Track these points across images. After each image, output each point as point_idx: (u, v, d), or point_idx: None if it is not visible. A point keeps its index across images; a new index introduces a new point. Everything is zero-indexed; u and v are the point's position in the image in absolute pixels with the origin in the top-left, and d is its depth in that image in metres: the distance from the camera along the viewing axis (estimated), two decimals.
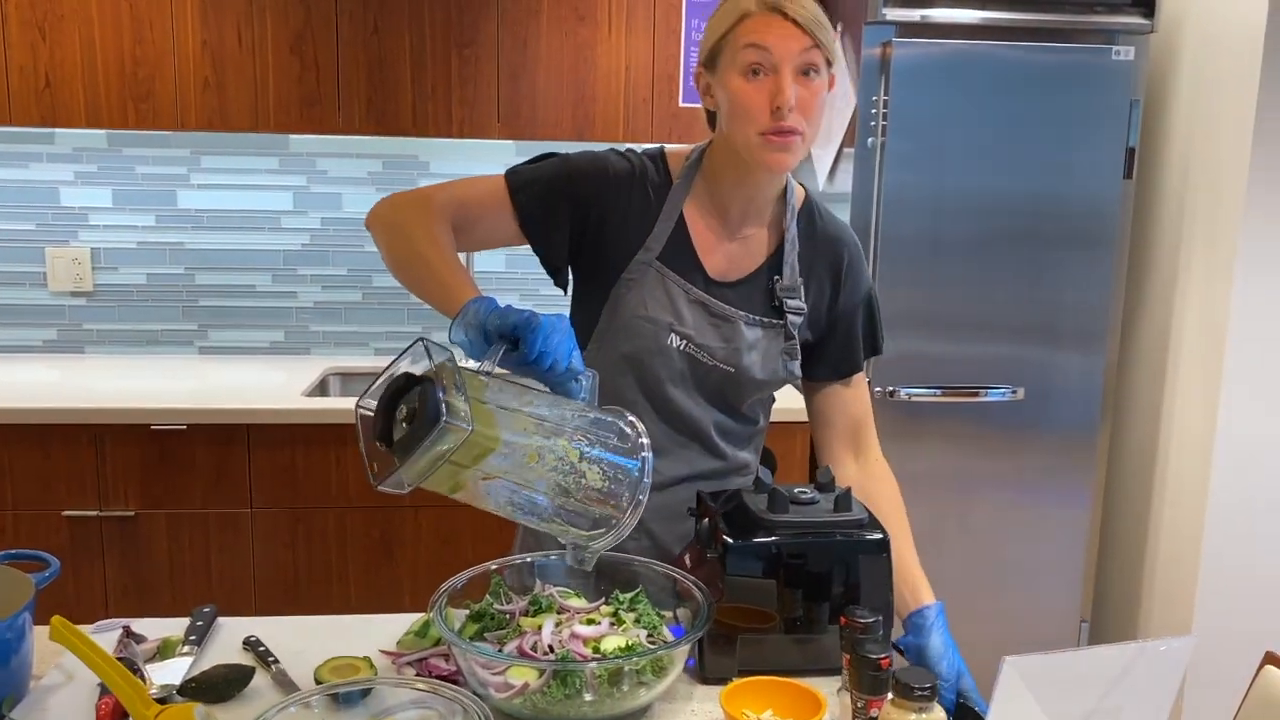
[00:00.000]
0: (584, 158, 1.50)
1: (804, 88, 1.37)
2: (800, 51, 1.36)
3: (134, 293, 3.10)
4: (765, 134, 1.38)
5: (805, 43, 1.36)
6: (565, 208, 1.47)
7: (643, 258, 1.48)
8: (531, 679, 1.16)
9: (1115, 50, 2.56)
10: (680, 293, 1.49)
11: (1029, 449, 2.72)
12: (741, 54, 1.37)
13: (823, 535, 1.34)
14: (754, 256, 1.53)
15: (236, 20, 2.69)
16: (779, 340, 1.53)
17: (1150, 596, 2.81)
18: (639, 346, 1.48)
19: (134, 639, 1.34)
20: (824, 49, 1.38)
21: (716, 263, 1.51)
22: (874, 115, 2.55)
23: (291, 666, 1.31)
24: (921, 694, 1.05)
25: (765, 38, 1.36)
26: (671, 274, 1.49)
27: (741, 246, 1.53)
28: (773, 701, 1.21)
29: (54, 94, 2.68)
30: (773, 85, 1.36)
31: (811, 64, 1.37)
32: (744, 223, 1.52)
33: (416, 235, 1.39)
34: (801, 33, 1.36)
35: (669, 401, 1.50)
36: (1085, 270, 2.67)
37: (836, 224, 1.58)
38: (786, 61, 1.36)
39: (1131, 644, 1.14)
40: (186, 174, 3.06)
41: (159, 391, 2.73)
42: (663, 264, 1.49)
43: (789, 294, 1.52)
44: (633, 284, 1.48)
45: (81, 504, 2.59)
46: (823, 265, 1.55)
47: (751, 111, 1.38)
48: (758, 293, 1.52)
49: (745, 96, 1.38)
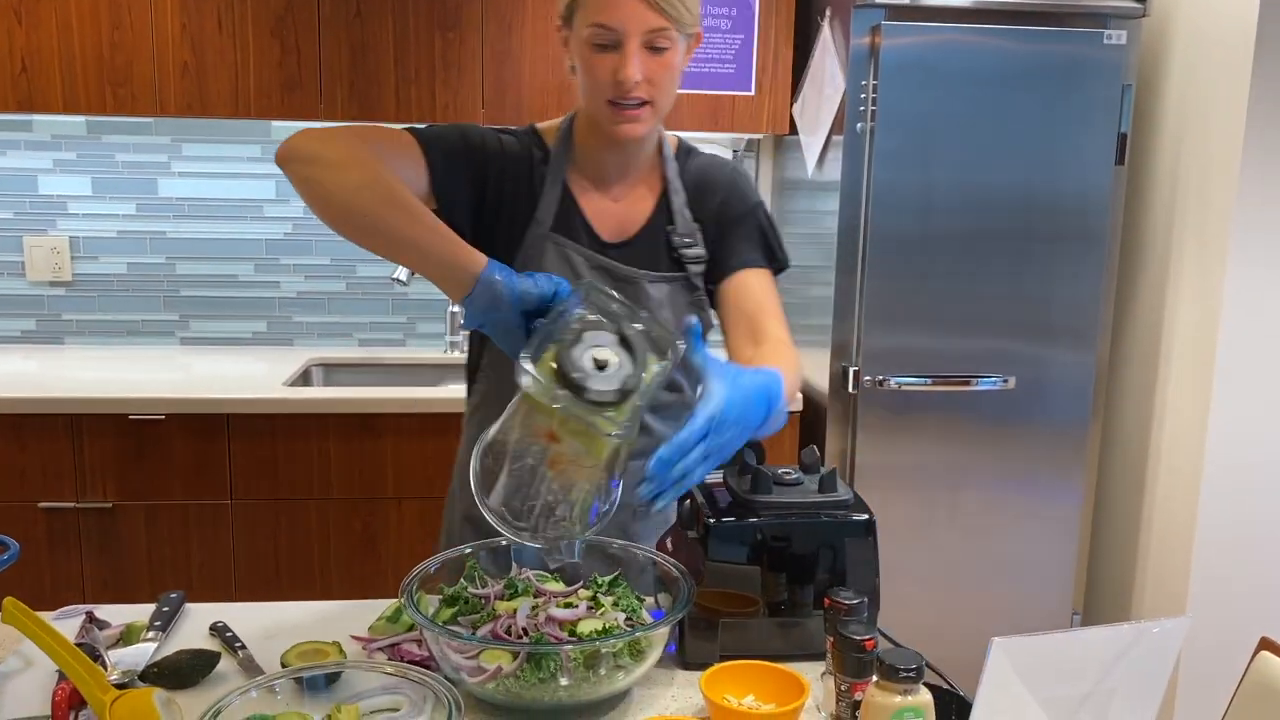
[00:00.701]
0: (476, 128, 1.46)
1: (652, 60, 1.35)
2: (649, 29, 1.33)
3: (114, 282, 3.05)
4: (612, 104, 1.36)
5: (654, 20, 1.33)
6: (468, 173, 1.42)
7: (536, 231, 1.45)
8: (505, 662, 1.12)
9: (1107, 35, 2.53)
10: (581, 260, 1.46)
11: (1021, 441, 2.69)
12: (589, 29, 1.35)
13: (807, 516, 1.30)
14: (642, 212, 1.51)
15: (216, 4, 2.64)
16: (685, 293, 1.50)
17: (1142, 588, 2.78)
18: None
19: (97, 624, 1.30)
20: (676, 23, 1.35)
21: (607, 225, 1.49)
22: (863, 101, 2.51)
23: (260, 652, 1.27)
24: (906, 676, 1.01)
25: (610, 17, 1.33)
26: (569, 243, 1.46)
27: (627, 205, 1.51)
28: (754, 686, 1.17)
29: (30, 79, 2.63)
30: (618, 59, 1.34)
31: (660, 37, 1.34)
32: (623, 181, 1.50)
33: (383, 174, 1.24)
34: (649, 9, 1.32)
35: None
36: (1077, 260, 2.63)
37: (713, 157, 1.58)
38: (633, 37, 1.33)
39: (1125, 625, 1.11)
40: (167, 162, 3.01)
41: (137, 381, 2.68)
42: (557, 234, 1.46)
43: (686, 242, 1.49)
44: (531, 259, 1.45)
45: (58, 495, 2.54)
46: (709, 196, 1.52)
47: (599, 83, 1.36)
48: (656, 248, 1.50)
49: (592, 69, 1.36)
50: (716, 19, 2.78)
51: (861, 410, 2.62)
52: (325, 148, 1.26)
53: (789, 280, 3.06)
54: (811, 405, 2.74)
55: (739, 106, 2.85)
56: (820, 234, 2.73)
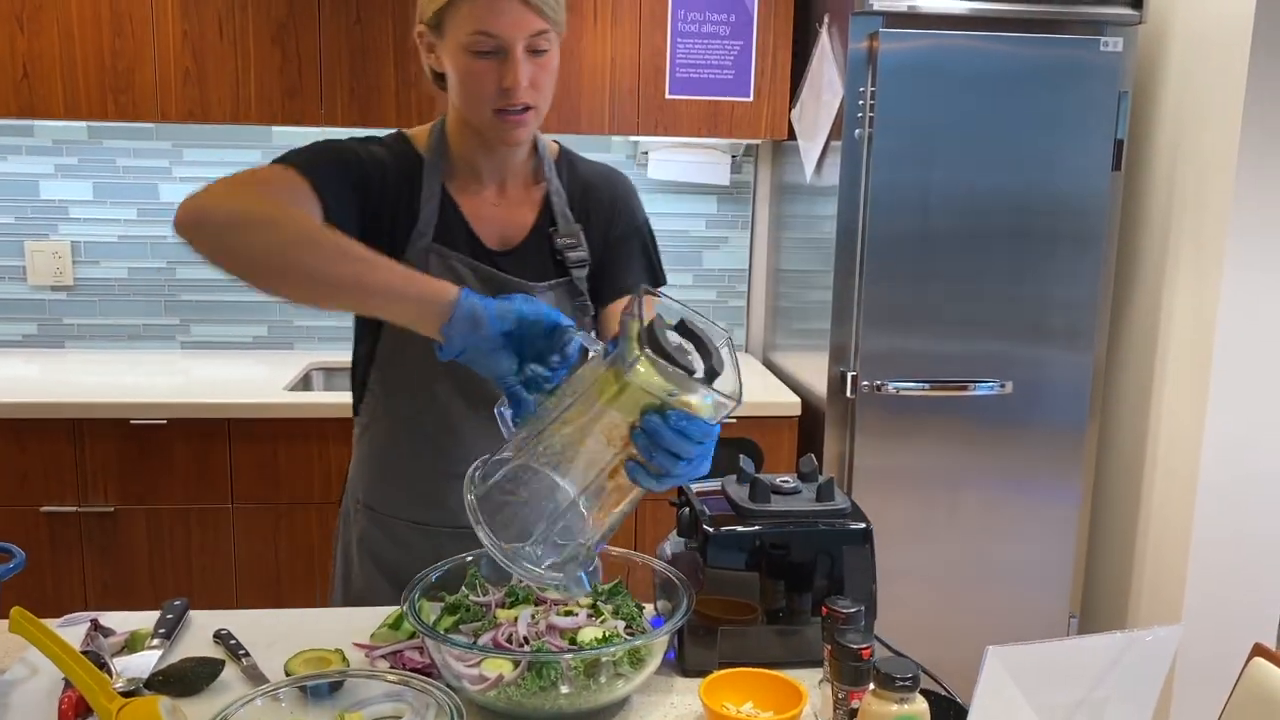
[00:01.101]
0: (346, 144, 1.41)
1: (535, 64, 1.33)
2: (531, 34, 1.31)
3: (115, 287, 3.07)
4: (498, 112, 1.35)
5: (536, 24, 1.31)
6: (352, 195, 1.36)
7: (419, 244, 1.41)
8: (506, 671, 1.13)
9: (1104, 41, 2.54)
10: (467, 271, 1.43)
11: (1018, 444, 2.70)
12: (468, 36, 1.31)
13: (805, 525, 1.31)
14: (525, 217, 1.48)
15: (217, 11, 2.66)
16: (569, 298, 1.48)
17: (1139, 591, 2.80)
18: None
19: (102, 632, 1.31)
20: (554, 25, 1.34)
21: (491, 232, 1.46)
22: (861, 107, 2.53)
23: (263, 660, 1.28)
24: (903, 684, 1.03)
25: (494, 24, 1.30)
26: (452, 254, 1.43)
27: (509, 211, 1.48)
28: (753, 693, 1.19)
29: (32, 85, 2.64)
30: (502, 66, 1.32)
31: (541, 40, 1.33)
32: (502, 184, 1.48)
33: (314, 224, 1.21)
34: (531, 13, 1.31)
35: (483, 389, 1.38)
36: (1074, 264, 2.65)
37: (599, 166, 1.56)
38: (517, 43, 1.31)
39: (1118, 634, 1.12)
40: (168, 167, 3.02)
41: (139, 386, 2.69)
42: (440, 244, 1.42)
43: (569, 245, 1.47)
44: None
45: (60, 500, 2.55)
46: (594, 207, 1.51)
47: (482, 92, 1.34)
48: (540, 254, 1.47)
49: (474, 77, 1.33)
50: (715, 25, 2.80)
51: (860, 414, 2.63)
52: (238, 205, 1.19)
53: (786, 284, 3.10)
54: (810, 409, 2.76)
55: (737, 112, 2.86)
56: (818, 239, 2.75)
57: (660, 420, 1.05)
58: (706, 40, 2.80)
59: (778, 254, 3.17)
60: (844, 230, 2.59)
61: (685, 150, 3.08)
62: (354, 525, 1.58)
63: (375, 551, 1.55)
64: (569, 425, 1.10)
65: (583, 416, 1.09)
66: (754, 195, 3.24)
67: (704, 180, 3.11)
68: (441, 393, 1.44)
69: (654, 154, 3.08)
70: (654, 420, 1.05)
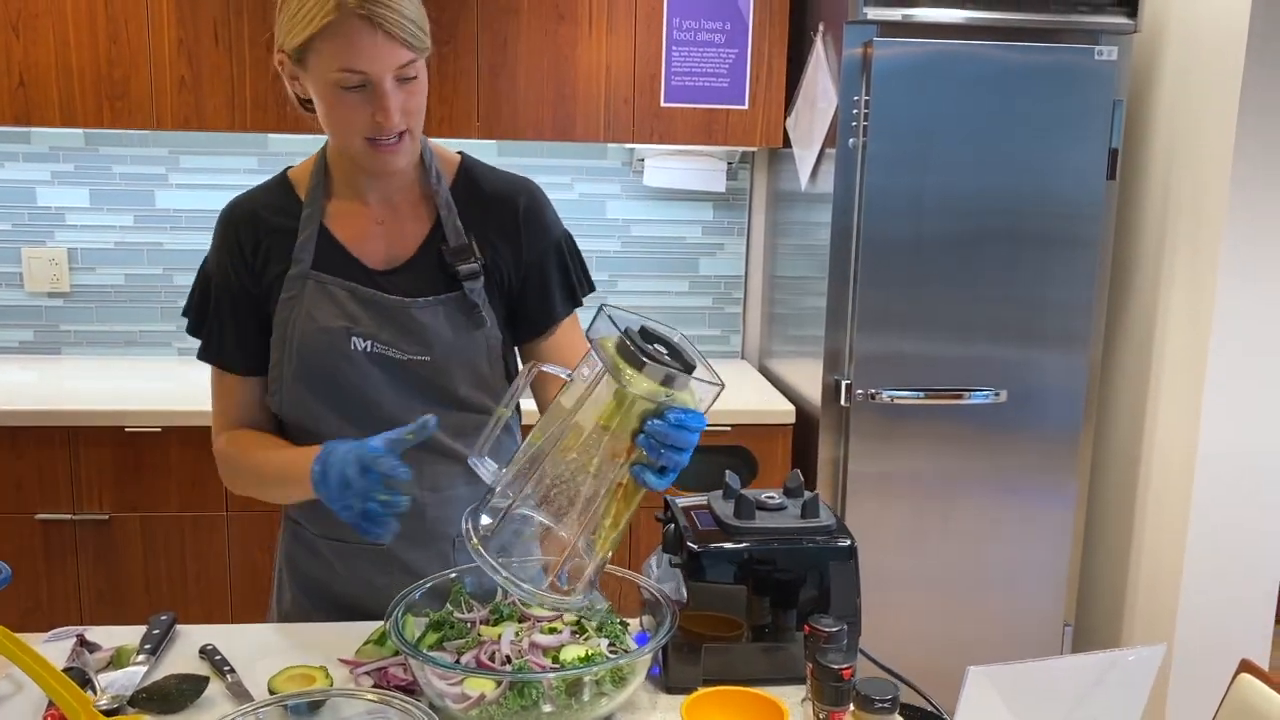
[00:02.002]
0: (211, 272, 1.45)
1: (404, 92, 1.31)
2: (399, 65, 1.28)
3: (112, 293, 3.07)
4: (370, 140, 1.32)
5: (402, 56, 1.28)
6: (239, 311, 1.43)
7: (295, 272, 1.39)
8: (488, 690, 1.13)
9: (1098, 50, 2.54)
10: (345, 295, 1.40)
11: (1012, 451, 2.70)
12: (334, 73, 1.27)
13: (790, 542, 1.31)
14: (414, 234, 1.44)
15: (213, 18, 2.66)
16: (462, 313, 1.42)
17: (1134, 599, 2.79)
18: (322, 363, 1.40)
19: (88, 648, 1.32)
20: (420, 51, 1.30)
21: (374, 252, 1.43)
22: (855, 116, 2.53)
23: (248, 675, 1.28)
24: (882, 706, 1.03)
25: (359, 61, 1.26)
26: (330, 279, 1.40)
27: (395, 228, 1.44)
28: (735, 713, 1.19)
29: (28, 93, 2.65)
30: (371, 100, 1.29)
31: (409, 69, 1.30)
32: (386, 203, 1.44)
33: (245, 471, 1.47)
34: (395, 45, 1.27)
35: (377, 415, 1.39)
36: (1068, 271, 2.65)
37: (505, 178, 1.49)
38: (384, 77, 1.28)
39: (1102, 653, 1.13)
40: (165, 174, 3.03)
41: (134, 393, 2.70)
42: (319, 272, 1.40)
43: (459, 258, 1.41)
44: (292, 302, 1.40)
45: (55, 507, 2.56)
46: (494, 224, 1.45)
47: (352, 125, 1.31)
48: (429, 270, 1.42)
49: (343, 110, 1.30)
50: (711, 33, 2.80)
51: (854, 421, 2.63)
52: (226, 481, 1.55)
53: (782, 290, 3.10)
54: (804, 415, 2.76)
55: (733, 120, 2.86)
56: (813, 245, 2.75)
57: (662, 422, 1.10)
58: (702, 48, 2.80)
59: (773, 261, 3.17)
60: (838, 237, 2.60)
61: (681, 157, 3.08)
62: (283, 541, 1.58)
63: (299, 568, 1.54)
64: (571, 453, 1.12)
65: (580, 441, 1.12)
66: (749, 202, 3.24)
67: (700, 187, 3.11)
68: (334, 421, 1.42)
69: (650, 161, 3.09)
70: (656, 424, 1.10)
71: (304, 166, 1.47)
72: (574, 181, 3.14)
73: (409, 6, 1.29)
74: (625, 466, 1.13)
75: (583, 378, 1.13)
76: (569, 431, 1.12)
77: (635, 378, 1.08)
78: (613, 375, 1.08)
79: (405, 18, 1.27)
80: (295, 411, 1.44)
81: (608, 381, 1.09)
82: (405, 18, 1.27)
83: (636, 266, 3.22)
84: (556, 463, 1.12)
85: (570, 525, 1.14)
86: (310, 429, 1.43)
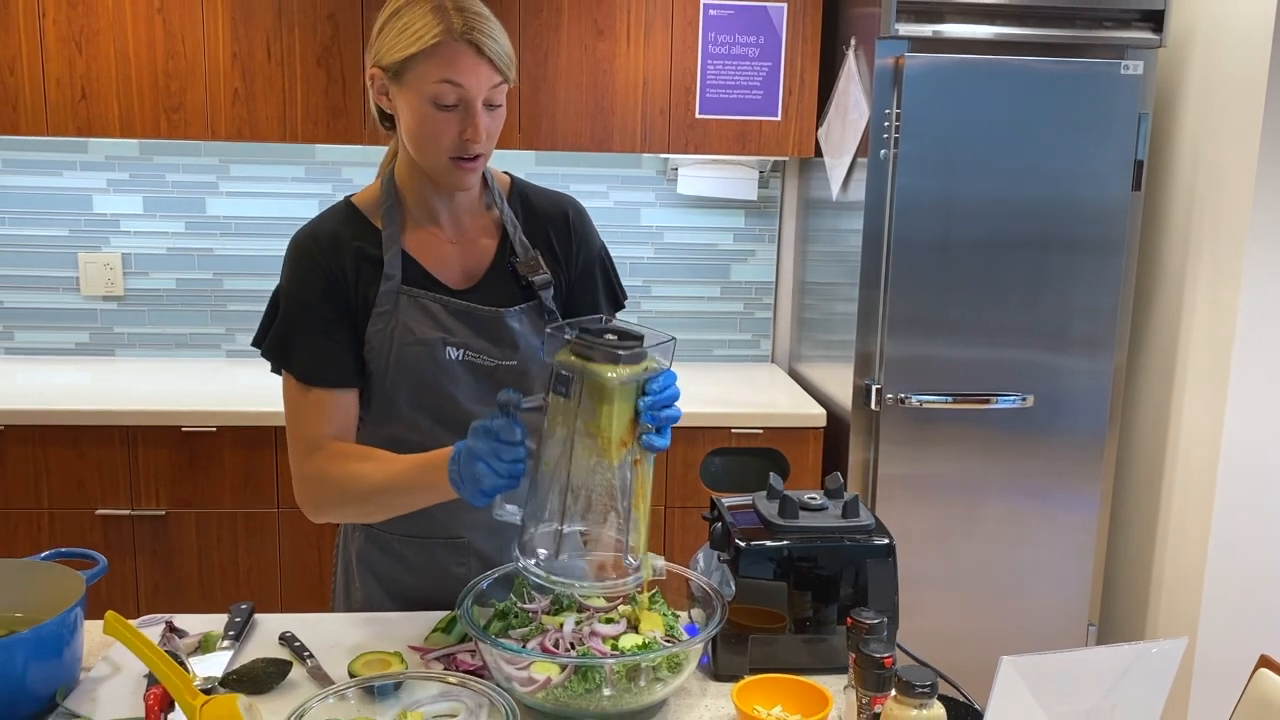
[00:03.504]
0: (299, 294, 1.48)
1: (490, 117, 1.41)
2: (491, 87, 1.39)
3: (164, 297, 3.18)
4: (453, 158, 1.42)
5: (496, 79, 1.39)
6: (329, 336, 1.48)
7: (387, 288, 1.48)
8: (554, 674, 1.22)
9: (1124, 65, 2.61)
10: (439, 308, 1.49)
11: (1038, 454, 2.77)
12: (433, 86, 1.37)
13: (831, 540, 1.40)
14: (484, 251, 1.54)
15: (266, 34, 2.77)
16: (539, 318, 1.54)
17: (1157, 601, 2.86)
18: (418, 371, 1.48)
19: (176, 633, 1.42)
20: (508, 79, 1.41)
21: (452, 272, 1.52)
22: (886, 127, 2.60)
23: (324, 661, 1.38)
24: (923, 691, 1.11)
25: (460, 75, 1.37)
26: (423, 292, 1.49)
27: (467, 247, 1.54)
28: (782, 698, 1.27)
29: (89, 105, 2.76)
30: (463, 118, 1.39)
31: (498, 94, 1.41)
32: (458, 221, 1.53)
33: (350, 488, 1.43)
34: (493, 70, 1.38)
35: (464, 416, 1.47)
36: (1094, 278, 2.71)
37: (550, 195, 1.62)
38: (478, 97, 1.39)
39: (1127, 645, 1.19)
40: (215, 182, 3.14)
41: (189, 394, 2.81)
42: (409, 287, 1.49)
43: (531, 270, 1.53)
44: (387, 316, 1.48)
45: (114, 503, 2.67)
46: (551, 234, 1.57)
47: (441, 142, 1.40)
48: (505, 283, 1.53)
49: (435, 126, 1.39)
50: (745, 47, 2.88)
51: (884, 425, 2.71)
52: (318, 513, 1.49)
53: (811, 295, 3.18)
54: (834, 418, 2.83)
55: (765, 131, 2.95)
56: (844, 252, 2.83)
57: (651, 396, 1.22)
58: (736, 61, 2.88)
59: (803, 267, 3.25)
60: (869, 244, 2.67)
61: (713, 166, 3.17)
62: (352, 542, 1.65)
63: (373, 565, 1.62)
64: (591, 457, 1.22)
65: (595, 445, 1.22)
66: (780, 210, 3.32)
67: (732, 195, 3.20)
68: (423, 422, 1.52)
69: (683, 170, 3.17)
70: (648, 399, 1.22)
71: (368, 194, 1.55)
72: (609, 190, 3.23)
73: (503, 39, 1.41)
74: (636, 444, 1.23)
75: (560, 396, 1.23)
76: (579, 443, 1.22)
77: (617, 371, 1.19)
78: (596, 380, 1.20)
79: (502, 47, 1.40)
80: (387, 416, 1.53)
81: (592, 387, 1.20)
82: (502, 47, 1.40)
83: (669, 272, 3.31)
84: (580, 473, 1.23)
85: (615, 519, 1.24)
86: (400, 434, 1.52)
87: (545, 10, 2.82)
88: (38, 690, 1.24)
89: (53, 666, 1.25)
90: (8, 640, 1.20)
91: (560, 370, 1.23)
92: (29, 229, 3.11)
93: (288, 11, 2.76)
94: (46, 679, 1.25)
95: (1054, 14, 2.62)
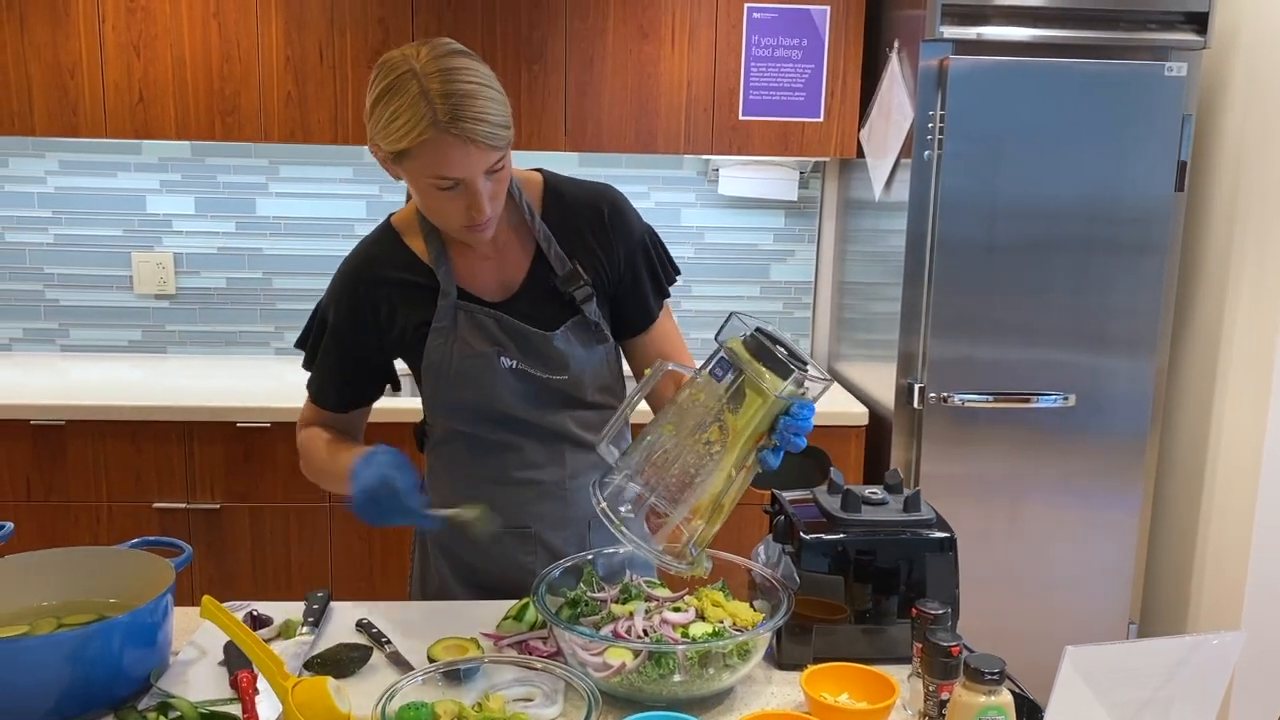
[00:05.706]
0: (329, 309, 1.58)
1: (493, 181, 1.40)
2: (487, 167, 1.37)
3: (214, 296, 3.25)
4: (464, 226, 1.44)
5: (490, 158, 1.37)
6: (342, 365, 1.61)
7: (445, 304, 1.53)
8: (628, 660, 1.26)
9: (1168, 66, 2.62)
10: (492, 323, 1.53)
11: (1080, 454, 2.78)
12: (428, 179, 1.38)
13: (892, 534, 1.43)
14: (519, 263, 1.56)
15: (318, 38, 2.82)
16: (586, 331, 1.56)
17: (1198, 600, 2.87)
18: (477, 380, 1.53)
19: (258, 620, 1.47)
20: (505, 147, 1.38)
21: (487, 285, 1.56)
22: (930, 129, 2.63)
23: (402, 646, 1.43)
24: (991, 678, 1.14)
25: (451, 170, 1.35)
26: (478, 308, 1.53)
27: (502, 261, 1.56)
28: (848, 685, 1.31)
29: (146, 108, 2.83)
30: (465, 195, 1.39)
31: (497, 164, 1.39)
32: (492, 240, 1.53)
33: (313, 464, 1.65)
34: (486, 151, 1.35)
35: (523, 423, 1.56)
36: (1136, 278, 2.73)
37: (586, 186, 1.60)
38: (476, 178, 1.37)
39: (1185, 637, 1.22)
40: (265, 183, 3.20)
41: (242, 391, 2.87)
42: (465, 302, 1.54)
43: (569, 284, 1.54)
44: (445, 330, 1.53)
45: (170, 497, 2.74)
46: (586, 234, 1.56)
47: (449, 216, 1.43)
48: (543, 295, 1.55)
49: (440, 204, 1.41)
50: (789, 49, 2.92)
51: (926, 423, 2.74)
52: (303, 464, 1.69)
53: (851, 295, 3.21)
54: (876, 417, 2.86)
55: (808, 132, 2.98)
56: (886, 252, 2.86)
57: (792, 417, 1.27)
58: (779, 64, 2.92)
59: (843, 267, 3.28)
60: (912, 244, 2.70)
61: (754, 167, 3.20)
62: (433, 531, 1.70)
63: (449, 551, 1.67)
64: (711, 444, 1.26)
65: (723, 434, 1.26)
66: (820, 210, 3.35)
67: (772, 196, 3.23)
68: (481, 423, 1.58)
69: (724, 170, 3.21)
70: (788, 419, 1.27)
71: (407, 214, 1.59)
72: (651, 190, 3.27)
73: (494, 112, 1.36)
74: (754, 453, 1.28)
75: (715, 378, 1.26)
76: (709, 427, 1.25)
77: (777, 382, 1.24)
78: (758, 382, 1.24)
79: (493, 125, 1.35)
80: (449, 419, 1.60)
81: (751, 385, 1.25)
82: (493, 125, 1.35)
83: (710, 272, 3.35)
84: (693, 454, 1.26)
85: (697, 506, 1.28)
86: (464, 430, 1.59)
87: (591, 14, 2.86)
88: (133, 672, 1.29)
89: (146, 650, 1.31)
90: (106, 625, 1.25)
91: (725, 356, 1.27)
92: (85, 229, 3.19)
93: (339, 16, 2.82)
94: (141, 662, 1.30)
95: (1098, 16, 2.64)
